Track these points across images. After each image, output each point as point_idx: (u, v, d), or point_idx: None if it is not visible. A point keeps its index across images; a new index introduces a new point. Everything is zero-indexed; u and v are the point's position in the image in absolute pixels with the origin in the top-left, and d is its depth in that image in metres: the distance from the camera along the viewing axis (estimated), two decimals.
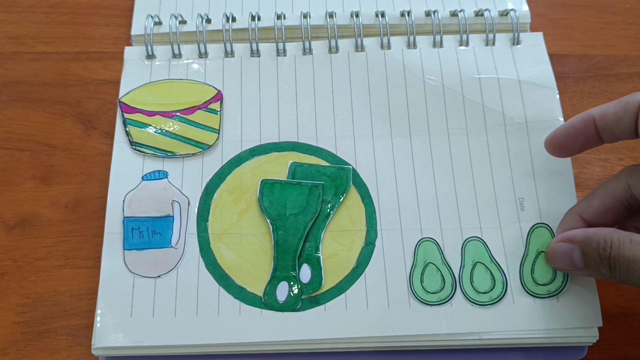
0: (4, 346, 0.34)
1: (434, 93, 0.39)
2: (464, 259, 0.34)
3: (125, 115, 0.38)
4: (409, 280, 0.34)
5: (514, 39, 0.41)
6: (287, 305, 0.33)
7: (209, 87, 0.39)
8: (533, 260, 0.34)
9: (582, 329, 0.33)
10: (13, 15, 0.45)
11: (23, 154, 0.39)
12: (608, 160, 0.39)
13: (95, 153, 0.39)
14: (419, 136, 0.38)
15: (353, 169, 0.37)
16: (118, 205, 0.36)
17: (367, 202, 0.36)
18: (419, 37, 0.41)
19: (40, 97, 0.41)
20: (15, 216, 0.38)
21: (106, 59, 0.43)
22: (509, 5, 0.43)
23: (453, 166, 0.37)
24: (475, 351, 0.34)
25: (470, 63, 0.40)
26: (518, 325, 0.33)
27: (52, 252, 0.37)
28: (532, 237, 0.35)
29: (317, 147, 0.38)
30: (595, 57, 0.43)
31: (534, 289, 0.33)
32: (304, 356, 0.34)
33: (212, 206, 0.36)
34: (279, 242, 0.35)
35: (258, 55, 0.41)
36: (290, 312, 0.33)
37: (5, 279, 0.36)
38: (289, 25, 0.41)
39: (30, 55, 0.43)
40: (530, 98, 0.38)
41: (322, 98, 0.39)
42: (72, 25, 0.44)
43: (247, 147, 0.38)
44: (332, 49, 0.41)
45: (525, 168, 0.37)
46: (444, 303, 0.33)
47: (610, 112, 0.31)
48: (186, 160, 0.37)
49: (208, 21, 0.42)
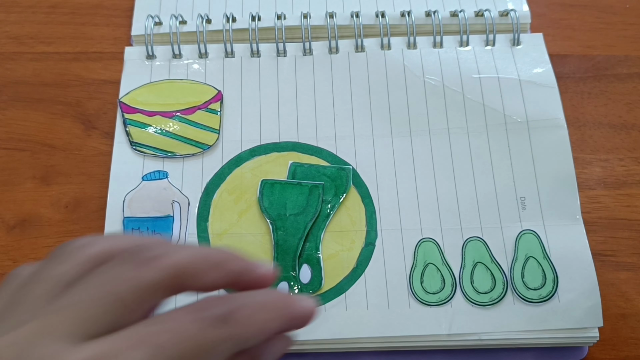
0: None
1: (434, 93, 0.39)
2: (465, 259, 0.34)
3: (125, 115, 0.38)
4: (408, 280, 0.34)
5: (514, 39, 0.41)
6: None
7: (209, 87, 0.39)
8: (522, 265, 0.34)
9: (582, 329, 0.33)
10: (13, 15, 0.45)
11: (23, 154, 0.39)
12: (608, 161, 0.39)
13: (95, 153, 0.39)
14: (420, 136, 0.38)
15: (353, 169, 0.37)
16: (118, 205, 0.36)
17: (367, 202, 0.36)
18: (419, 37, 0.41)
19: (41, 97, 0.41)
20: (16, 216, 0.38)
21: (106, 59, 0.43)
22: (509, 5, 0.43)
23: (454, 166, 0.37)
24: (475, 351, 0.33)
25: (471, 63, 0.40)
26: (518, 325, 0.33)
27: None
28: (520, 242, 0.35)
29: (317, 147, 0.38)
30: (595, 57, 0.43)
31: (526, 294, 0.33)
32: (304, 356, 0.33)
33: (212, 206, 0.36)
34: (278, 242, 0.35)
35: (258, 55, 0.41)
36: None
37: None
38: (289, 25, 0.41)
39: (31, 55, 0.43)
40: (531, 97, 0.38)
41: (322, 98, 0.39)
42: (73, 25, 0.44)
43: (247, 147, 0.38)
44: (332, 50, 0.41)
45: (526, 167, 0.37)
46: (444, 303, 0.33)
47: None
48: (186, 161, 0.37)
49: (208, 21, 0.42)
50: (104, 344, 0.18)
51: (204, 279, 0.21)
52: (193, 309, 0.20)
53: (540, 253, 0.34)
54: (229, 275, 0.21)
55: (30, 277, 0.21)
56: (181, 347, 0.19)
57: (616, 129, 0.40)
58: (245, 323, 0.20)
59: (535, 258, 0.34)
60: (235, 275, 0.21)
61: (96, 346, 0.18)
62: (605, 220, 0.37)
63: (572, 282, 0.34)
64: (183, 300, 0.20)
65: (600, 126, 0.41)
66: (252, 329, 0.20)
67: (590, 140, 0.40)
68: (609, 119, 0.41)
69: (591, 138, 0.40)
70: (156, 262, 0.20)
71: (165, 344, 0.18)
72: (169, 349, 0.18)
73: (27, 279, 0.21)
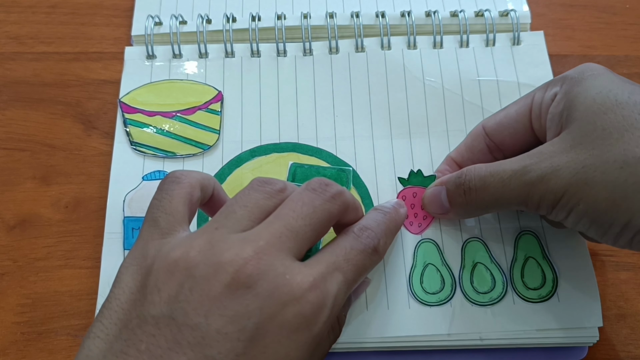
0: (4, 346, 0.34)
1: (434, 94, 0.39)
2: (464, 260, 0.34)
3: (125, 115, 0.38)
4: (408, 281, 0.34)
5: (514, 39, 0.41)
6: None
7: (210, 88, 0.39)
8: (522, 265, 0.34)
9: (582, 329, 0.33)
10: (13, 15, 0.45)
11: (23, 154, 0.39)
12: None
13: (95, 153, 0.39)
14: (419, 137, 0.38)
15: (353, 170, 0.37)
16: (118, 205, 0.36)
17: (367, 203, 0.36)
18: (419, 37, 0.41)
19: (41, 97, 0.41)
20: (15, 216, 0.38)
21: (106, 59, 0.43)
22: (509, 5, 0.43)
23: None
24: (475, 351, 0.34)
25: (470, 65, 0.40)
26: (518, 325, 0.33)
27: (52, 252, 0.37)
28: (519, 242, 0.35)
29: (317, 147, 0.38)
30: (595, 57, 0.43)
31: (525, 293, 0.33)
32: None
33: None
34: None
35: (258, 55, 0.41)
36: None
37: (5, 279, 0.36)
38: (289, 25, 0.41)
39: (31, 55, 0.43)
40: None
41: (322, 99, 0.39)
42: (73, 25, 0.44)
43: (248, 148, 0.38)
44: (332, 50, 0.41)
45: None
46: (444, 303, 0.33)
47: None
48: (186, 161, 0.37)
49: (208, 21, 0.42)
50: (317, 267, 0.25)
51: (352, 216, 0.29)
52: (354, 238, 0.27)
53: (539, 253, 0.34)
54: (360, 217, 0.29)
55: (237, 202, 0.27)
56: (358, 269, 0.26)
57: None
58: (384, 250, 0.28)
59: (534, 258, 0.34)
60: (360, 217, 0.29)
61: (314, 269, 0.24)
62: None
63: (572, 282, 0.34)
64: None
65: None
66: (385, 252, 0.29)
67: None
68: None
69: None
70: (339, 197, 0.27)
71: (350, 269, 0.26)
72: (351, 271, 0.26)
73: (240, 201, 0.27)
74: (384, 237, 0.28)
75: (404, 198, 0.36)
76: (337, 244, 0.27)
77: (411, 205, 0.35)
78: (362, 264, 0.26)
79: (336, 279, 0.25)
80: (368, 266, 0.27)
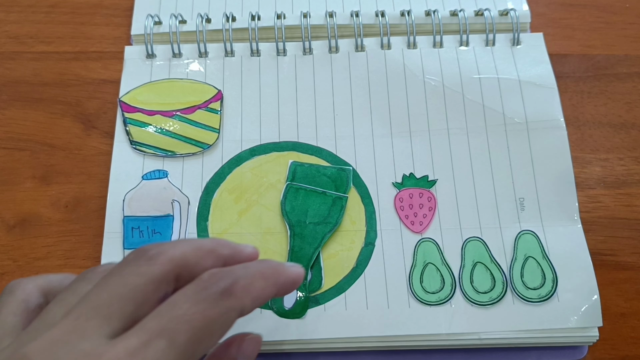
0: None
1: (434, 93, 0.39)
2: (464, 259, 0.34)
3: (125, 114, 0.38)
4: (408, 280, 0.34)
5: (514, 39, 0.41)
6: (292, 313, 0.33)
7: (209, 87, 0.39)
8: (522, 265, 0.34)
9: (582, 328, 0.33)
10: (13, 15, 0.45)
11: (23, 153, 0.39)
12: (608, 160, 0.39)
13: (95, 153, 0.39)
14: (419, 136, 0.38)
15: (353, 170, 0.37)
16: (118, 204, 0.36)
17: (366, 202, 0.36)
18: (419, 37, 0.41)
19: (40, 96, 0.41)
20: (15, 216, 0.38)
21: (106, 58, 0.43)
22: (509, 5, 0.43)
23: (453, 166, 0.37)
24: (475, 351, 0.34)
25: (471, 63, 0.40)
26: (518, 325, 0.33)
27: (52, 252, 0.37)
28: (519, 242, 0.35)
29: (317, 147, 0.38)
30: (595, 57, 0.43)
31: (525, 293, 0.33)
32: (304, 356, 0.34)
33: (212, 206, 0.36)
34: (294, 248, 0.35)
35: (258, 54, 0.41)
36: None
37: (5, 279, 0.36)
38: (289, 24, 0.41)
39: (30, 55, 0.43)
40: (530, 98, 0.38)
41: (322, 98, 0.39)
42: (72, 24, 0.44)
43: (247, 147, 0.38)
44: (332, 49, 0.41)
45: (525, 168, 0.37)
46: (444, 303, 0.33)
47: None
48: (186, 160, 0.37)
49: (208, 21, 0.42)
50: (131, 339, 0.20)
51: (202, 265, 0.23)
52: (196, 289, 0.22)
53: (539, 253, 0.34)
54: (221, 259, 0.24)
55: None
56: (194, 328, 0.21)
57: (616, 129, 0.41)
58: (245, 293, 0.22)
59: (534, 258, 0.34)
60: (227, 258, 0.24)
61: (126, 342, 0.20)
62: (605, 220, 0.37)
63: (572, 281, 0.34)
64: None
65: (600, 126, 0.41)
66: (252, 296, 0.22)
67: (590, 140, 0.40)
68: (609, 118, 0.41)
69: (591, 137, 0.40)
70: (162, 257, 0.22)
71: (181, 329, 0.20)
72: (184, 332, 0.20)
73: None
74: (248, 278, 0.22)
75: (401, 200, 0.36)
76: (170, 300, 0.21)
77: (409, 205, 0.35)
78: (202, 317, 0.21)
79: (156, 347, 0.20)
80: (216, 317, 0.21)
